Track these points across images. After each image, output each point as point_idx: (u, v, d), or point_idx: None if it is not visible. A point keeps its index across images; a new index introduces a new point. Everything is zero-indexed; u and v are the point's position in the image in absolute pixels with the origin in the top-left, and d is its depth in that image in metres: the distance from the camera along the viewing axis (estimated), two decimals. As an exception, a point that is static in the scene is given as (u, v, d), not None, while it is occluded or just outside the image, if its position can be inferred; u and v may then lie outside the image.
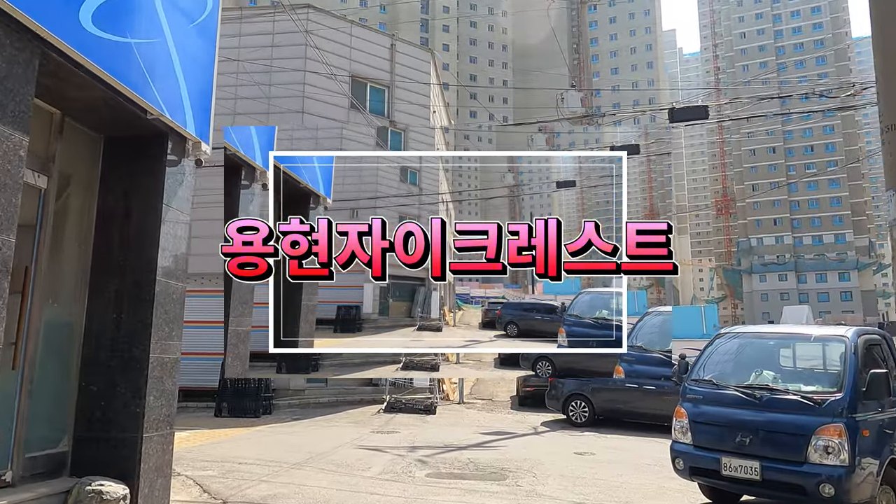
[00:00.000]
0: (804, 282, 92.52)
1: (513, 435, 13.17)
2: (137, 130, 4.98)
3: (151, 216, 5.00)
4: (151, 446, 4.82)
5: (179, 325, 5.25)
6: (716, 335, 7.31)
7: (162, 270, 4.99)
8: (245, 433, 12.66)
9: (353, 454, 10.23)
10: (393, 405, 16.45)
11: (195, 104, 5.22)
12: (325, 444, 11.25)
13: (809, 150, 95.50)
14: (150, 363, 4.80)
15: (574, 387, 15.47)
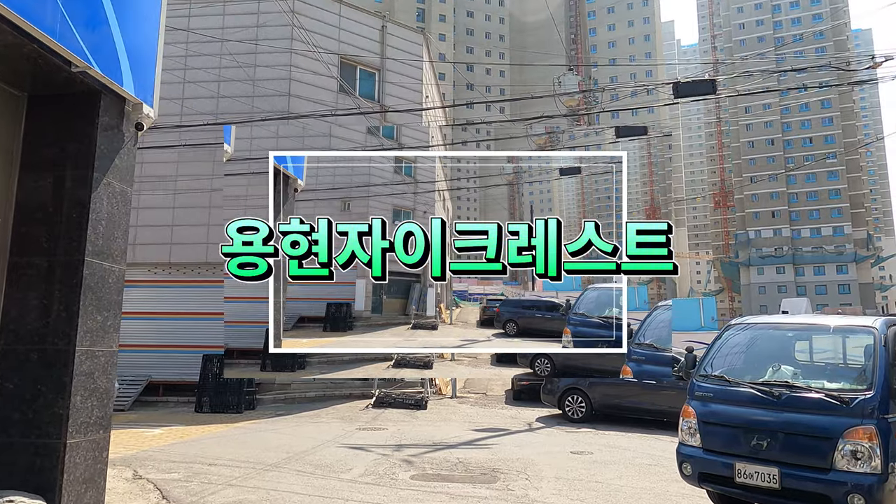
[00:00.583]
0: (802, 274, 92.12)
1: (506, 432, 12.54)
2: (64, 87, 4.29)
3: (80, 187, 4.30)
4: (78, 454, 4.14)
5: (116, 313, 4.57)
6: (726, 326, 6.64)
7: (93, 249, 4.30)
8: (223, 430, 12.00)
9: (335, 454, 9.58)
10: (382, 400, 15.81)
11: (134, 59, 4.52)
12: (307, 442, 10.60)
13: (808, 141, 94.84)
14: (76, 357, 4.11)
15: (570, 381, 14.85)
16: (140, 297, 17.63)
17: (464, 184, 36.40)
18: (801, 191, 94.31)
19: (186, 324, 17.27)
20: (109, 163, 4.48)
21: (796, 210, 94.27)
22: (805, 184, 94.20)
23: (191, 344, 16.79)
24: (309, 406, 15.72)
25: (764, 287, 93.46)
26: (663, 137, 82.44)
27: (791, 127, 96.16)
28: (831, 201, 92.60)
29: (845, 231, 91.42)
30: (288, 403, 16.06)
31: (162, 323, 17.35)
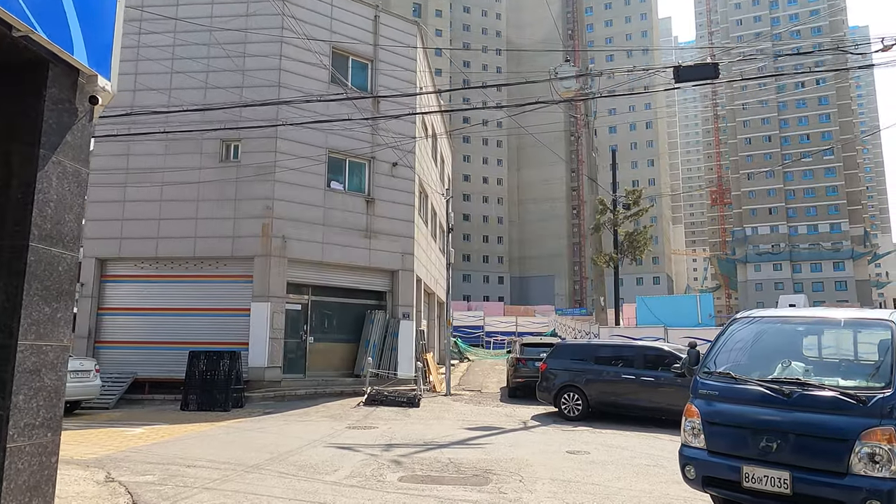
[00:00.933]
0: (799, 271, 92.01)
1: (500, 430, 12.16)
2: (6, 56, 3.88)
3: (25, 165, 3.90)
4: (21, 459, 3.74)
5: (67, 304, 4.15)
6: (731, 320, 6.26)
7: (39, 234, 3.89)
8: (208, 429, 11.60)
9: (322, 454, 9.19)
10: (374, 398, 15.43)
11: (87, 24, 4.11)
12: (293, 441, 10.21)
13: (805, 138, 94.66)
14: (18, 352, 3.71)
15: (566, 378, 14.47)
16: (126, 293, 17.24)
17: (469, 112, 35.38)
18: (798, 187, 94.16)
19: (174, 320, 16.86)
20: (59, 140, 4.08)
21: (793, 207, 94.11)
22: (802, 180, 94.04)
23: (178, 340, 16.40)
24: (299, 404, 15.33)
25: (761, 284, 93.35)
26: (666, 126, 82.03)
27: (788, 123, 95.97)
28: (828, 198, 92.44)
29: (842, 228, 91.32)
30: (277, 401, 15.67)
31: (148, 319, 16.94)
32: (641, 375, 13.56)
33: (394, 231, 19.13)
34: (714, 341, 6.00)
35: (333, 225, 17.97)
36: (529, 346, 18.70)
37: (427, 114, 22.68)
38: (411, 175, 19.78)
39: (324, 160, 18.10)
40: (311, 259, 17.56)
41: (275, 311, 16.65)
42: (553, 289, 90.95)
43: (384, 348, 18.54)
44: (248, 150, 17.25)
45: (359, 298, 19.10)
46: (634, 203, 18.26)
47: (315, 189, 17.79)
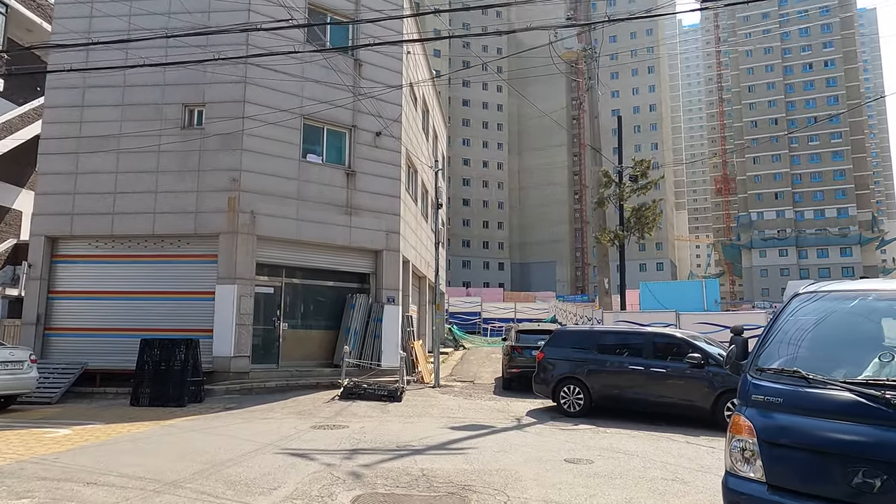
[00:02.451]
0: (805, 257, 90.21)
1: (489, 430, 10.54)
2: None
3: None
4: None
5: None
6: (792, 294, 4.56)
7: None
8: (148, 430, 9.97)
9: (267, 463, 7.56)
10: (351, 391, 13.82)
11: None
12: (241, 446, 8.58)
13: (812, 120, 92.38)
14: None
15: (566, 369, 12.84)
16: (78, 274, 15.60)
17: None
18: (805, 171, 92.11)
19: (131, 304, 15.23)
20: None
21: (800, 191, 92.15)
22: (809, 164, 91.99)
23: (136, 327, 14.78)
24: (268, 397, 13.72)
25: (766, 270, 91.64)
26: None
27: (795, 106, 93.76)
28: (836, 182, 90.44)
29: (850, 213, 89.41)
30: (244, 394, 14.05)
31: (102, 303, 15.30)
32: (651, 366, 11.93)
33: (377, 207, 17.42)
34: (769, 326, 4.31)
35: (309, 199, 16.27)
36: (526, 332, 17.04)
37: (418, 84, 20.88)
38: (397, 146, 18.04)
39: (298, 128, 16.36)
40: (284, 237, 15.87)
41: (242, 295, 14.98)
42: (554, 275, 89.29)
43: (367, 336, 16.90)
44: (213, 117, 15.51)
45: (339, 281, 17.43)
46: (642, 175, 16.53)
47: (288, 160, 16.07)
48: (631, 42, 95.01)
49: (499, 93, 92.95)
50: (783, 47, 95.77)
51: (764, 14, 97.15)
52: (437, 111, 28.32)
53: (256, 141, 15.55)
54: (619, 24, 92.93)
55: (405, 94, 18.92)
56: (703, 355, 11.48)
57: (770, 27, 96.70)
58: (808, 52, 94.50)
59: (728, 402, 10.97)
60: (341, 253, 17.11)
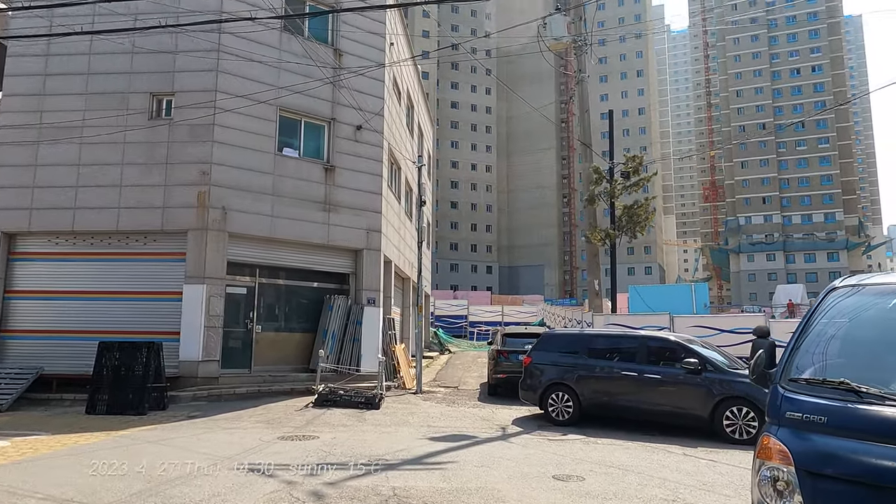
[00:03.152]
0: (793, 262, 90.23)
1: (471, 441, 9.75)
2: None
3: None
4: None
5: None
6: (828, 289, 3.79)
7: None
8: (96, 442, 9.09)
9: (220, 482, 6.72)
10: (327, 397, 12.98)
11: None
12: (195, 460, 7.73)
13: (800, 126, 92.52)
14: None
15: (554, 374, 12.10)
16: (37, 273, 14.67)
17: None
18: (792, 176, 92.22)
19: (93, 305, 14.30)
20: None
21: (788, 196, 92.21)
22: (797, 169, 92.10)
23: (97, 329, 13.84)
24: (237, 405, 12.85)
25: (754, 274, 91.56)
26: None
27: (783, 111, 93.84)
28: (823, 187, 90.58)
29: (837, 217, 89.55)
30: (211, 401, 13.17)
31: (62, 304, 14.35)
32: (645, 371, 11.20)
33: (357, 204, 16.60)
34: (802, 327, 3.55)
35: (285, 195, 15.43)
36: (512, 336, 16.27)
37: (400, 62, 20.12)
38: (379, 141, 17.24)
39: (274, 120, 15.53)
40: (258, 234, 15.01)
41: (212, 295, 14.10)
42: (543, 279, 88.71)
43: (345, 339, 16.05)
44: (183, 106, 14.64)
45: (316, 281, 16.57)
46: (634, 172, 15.82)
47: (263, 153, 15.23)
48: (620, 46, 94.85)
49: (487, 95, 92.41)
50: (771, 52, 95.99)
51: (752, 19, 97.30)
52: (423, 108, 27.56)
53: (229, 133, 14.70)
54: (609, 28, 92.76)
55: (388, 87, 18.13)
56: (700, 360, 10.78)
57: (758, 32, 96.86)
58: (796, 56, 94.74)
59: (727, 411, 10.29)
60: (319, 252, 16.27)
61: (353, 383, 14.99)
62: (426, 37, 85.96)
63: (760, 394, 10.14)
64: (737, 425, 10.19)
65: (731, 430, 10.20)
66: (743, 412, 10.18)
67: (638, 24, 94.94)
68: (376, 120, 17.18)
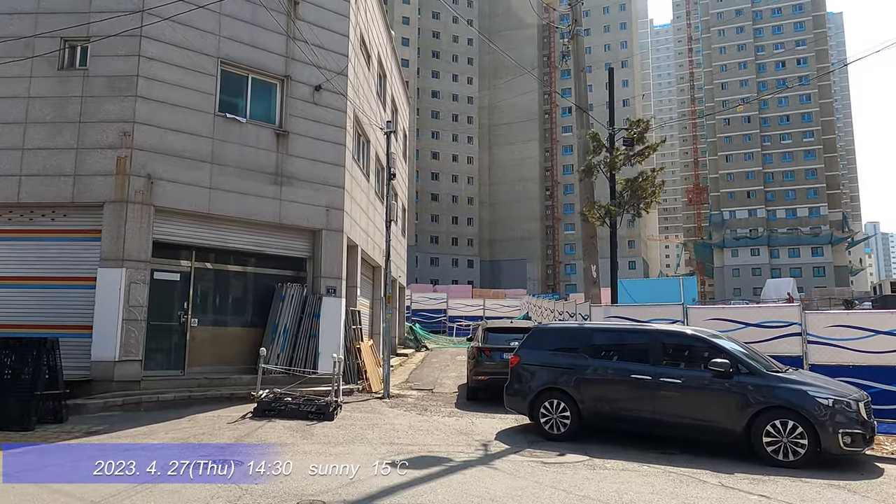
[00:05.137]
0: (777, 256, 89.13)
1: (444, 466, 7.48)
2: None
3: None
4: None
5: None
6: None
7: None
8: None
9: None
10: (269, 406, 10.62)
11: None
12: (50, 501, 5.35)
13: (785, 119, 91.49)
14: None
15: (548, 378, 9.89)
16: (-81, 255, 12.06)
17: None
18: (777, 170, 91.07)
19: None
20: None
21: (772, 190, 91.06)
22: (781, 163, 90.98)
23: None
24: (158, 415, 10.43)
25: (738, 269, 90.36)
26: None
27: (768, 104, 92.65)
28: (808, 181, 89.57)
29: (821, 212, 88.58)
30: (127, 410, 10.73)
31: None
32: (660, 374, 8.99)
33: (316, 177, 14.21)
34: None
35: (227, 164, 12.99)
36: (496, 331, 14.02)
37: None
38: (342, 105, 14.85)
39: (214, 74, 13.08)
40: (193, 210, 12.57)
41: (133, 281, 11.64)
42: (525, 273, 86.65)
43: (299, 335, 13.65)
44: (101, 54, 12.15)
45: (266, 267, 14.15)
46: (639, 139, 13.63)
47: (200, 113, 12.77)
48: (605, 36, 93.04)
49: (469, 85, 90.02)
50: (756, 44, 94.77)
51: (738, 10, 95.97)
52: (398, 81, 25.13)
53: (157, 87, 12.22)
54: (594, 18, 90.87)
55: (353, 45, 15.73)
56: (731, 360, 8.60)
57: (744, 24, 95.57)
58: (781, 49, 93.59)
59: (768, 425, 8.10)
60: (270, 232, 13.86)
61: (308, 387, 12.63)
62: (406, 24, 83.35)
63: (809, 403, 8.02)
64: (781, 443, 8.00)
65: (774, 450, 8.02)
66: (788, 427, 7.99)
67: (623, 13, 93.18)
68: (339, 81, 14.79)
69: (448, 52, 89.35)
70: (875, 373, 9.61)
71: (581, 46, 14.62)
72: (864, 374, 9.65)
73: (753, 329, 10.70)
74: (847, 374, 9.68)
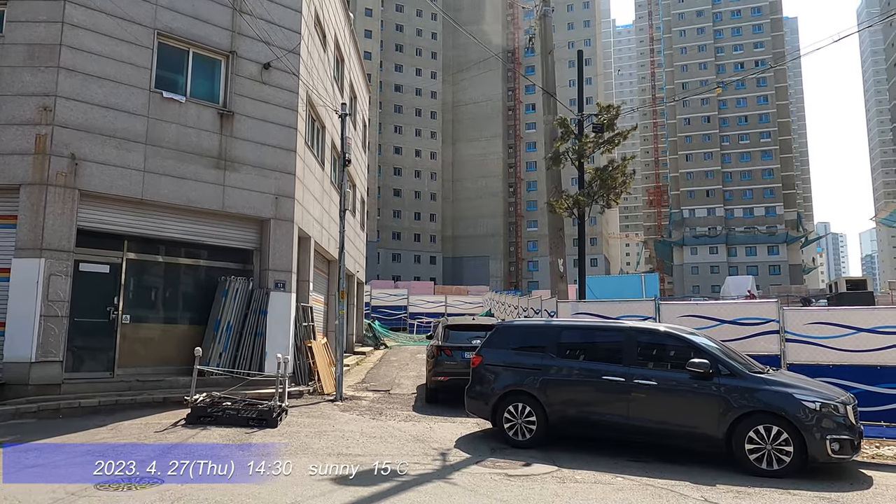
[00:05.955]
0: (735, 255, 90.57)
1: (397, 482, 6.61)
2: None
3: None
4: None
5: None
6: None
7: None
8: None
9: None
10: (205, 412, 9.56)
11: None
12: None
13: (744, 120, 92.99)
14: None
15: (512, 379, 9.10)
16: None
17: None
18: (735, 170, 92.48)
19: None
20: None
21: (730, 189, 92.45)
22: (739, 163, 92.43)
23: None
24: (77, 423, 9.28)
25: (697, 267, 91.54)
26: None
27: (727, 105, 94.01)
28: (765, 181, 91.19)
29: (777, 211, 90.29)
30: (43, 419, 9.54)
31: None
32: (634, 376, 8.28)
33: (264, 162, 13.14)
34: None
35: (164, 146, 11.84)
36: (457, 328, 13.14)
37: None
38: (294, 85, 13.79)
39: (150, 47, 11.90)
40: (125, 195, 11.39)
41: (54, 273, 10.43)
42: (488, 270, 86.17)
43: (244, 333, 12.57)
44: (19, 20, 10.88)
45: (209, 259, 13.04)
46: (609, 126, 12.92)
47: (134, 88, 11.58)
48: (569, 34, 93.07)
49: (433, 79, 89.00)
50: (716, 45, 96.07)
51: (699, 12, 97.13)
52: (357, 67, 24.05)
53: (84, 58, 11.01)
54: (558, 14, 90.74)
55: (307, 22, 14.67)
56: (710, 360, 7.92)
57: (704, 25, 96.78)
58: (741, 51, 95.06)
59: (751, 431, 7.44)
60: (212, 221, 12.74)
61: (253, 390, 11.60)
62: (369, 15, 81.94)
63: (795, 407, 7.39)
64: (764, 451, 7.36)
65: (757, 458, 7.38)
66: (773, 433, 7.34)
67: (587, 11, 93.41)
68: (291, 59, 13.72)
69: (412, 46, 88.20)
70: (856, 373, 9.07)
71: (549, 27, 13.87)
72: (845, 375, 9.10)
73: (729, 326, 10.09)
74: (827, 375, 9.13)
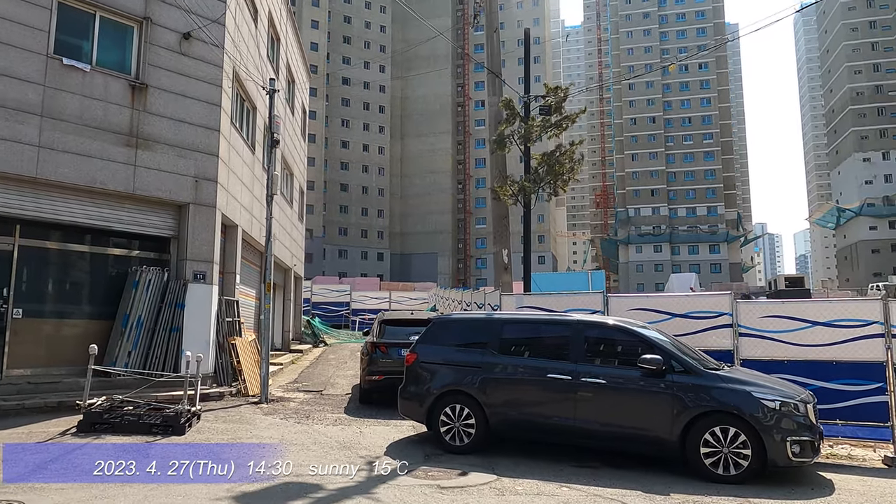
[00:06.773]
0: (678, 253, 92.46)
1: (311, 497, 5.68)
2: None
3: None
4: None
5: None
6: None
7: None
8: None
9: None
10: (100, 418, 8.38)
11: None
12: None
13: (687, 121, 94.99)
14: None
15: (450, 378, 8.30)
16: None
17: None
18: (679, 170, 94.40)
19: None
20: None
21: (674, 189, 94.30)
22: (683, 163, 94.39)
23: None
24: (-52, 433, 7.97)
25: (641, 265, 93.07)
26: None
27: (671, 106, 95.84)
28: (707, 181, 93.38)
29: (718, 211, 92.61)
30: None
31: None
32: (583, 374, 7.56)
33: (183, 141, 11.93)
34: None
35: (64, 119, 10.52)
36: (394, 323, 12.22)
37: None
38: (218, 58, 12.60)
39: (49, 7, 10.55)
40: (15, 172, 10.05)
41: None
42: (436, 267, 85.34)
43: (158, 329, 11.37)
44: None
45: (118, 247, 11.77)
46: (556, 108, 12.24)
47: (28, 53, 10.24)
48: (518, 31, 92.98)
49: (381, 73, 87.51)
50: (662, 47, 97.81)
51: (645, 14, 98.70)
52: (296, 49, 22.79)
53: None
54: (506, 11, 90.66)
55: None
56: (663, 356, 7.26)
57: (650, 27, 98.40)
58: (685, 53, 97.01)
59: (707, 433, 6.81)
60: (122, 204, 11.47)
61: (166, 391, 10.44)
62: (316, 5, 79.97)
63: (753, 406, 6.79)
64: (721, 454, 6.73)
65: (713, 463, 6.75)
66: (730, 434, 6.73)
67: (536, 8, 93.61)
68: (215, 31, 12.53)
69: (360, 38, 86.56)
70: (812, 368, 8.59)
71: (495, 3, 13.12)
72: (800, 371, 8.61)
73: (680, 320, 9.51)
74: (782, 371, 8.63)
